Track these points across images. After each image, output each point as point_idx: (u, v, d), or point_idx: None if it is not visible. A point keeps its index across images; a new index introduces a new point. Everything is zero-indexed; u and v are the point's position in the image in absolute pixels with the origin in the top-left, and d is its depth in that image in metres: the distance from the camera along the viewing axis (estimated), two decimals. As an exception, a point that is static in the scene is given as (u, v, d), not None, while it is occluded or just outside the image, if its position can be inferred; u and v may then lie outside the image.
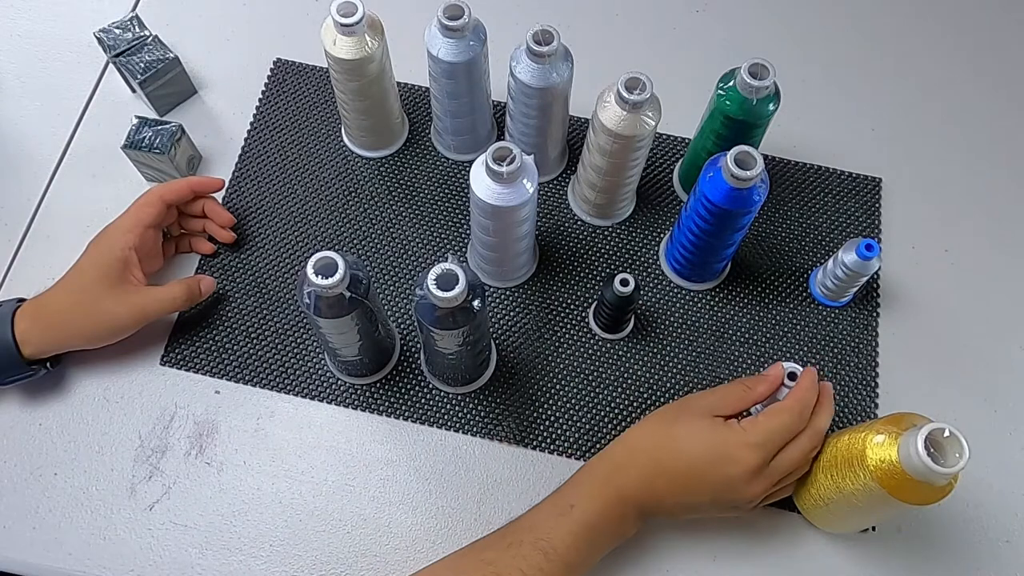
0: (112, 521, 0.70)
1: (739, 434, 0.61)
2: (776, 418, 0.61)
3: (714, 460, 0.61)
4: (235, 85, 0.89)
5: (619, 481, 0.62)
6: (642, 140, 0.71)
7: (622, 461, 0.64)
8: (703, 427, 0.62)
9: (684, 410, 0.64)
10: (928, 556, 0.70)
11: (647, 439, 0.64)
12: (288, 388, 0.75)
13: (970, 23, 0.95)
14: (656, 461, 0.62)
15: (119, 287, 0.71)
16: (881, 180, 0.85)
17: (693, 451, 0.61)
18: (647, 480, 0.62)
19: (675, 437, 0.62)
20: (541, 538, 0.60)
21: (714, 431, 0.61)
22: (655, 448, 0.63)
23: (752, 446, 0.60)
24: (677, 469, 0.62)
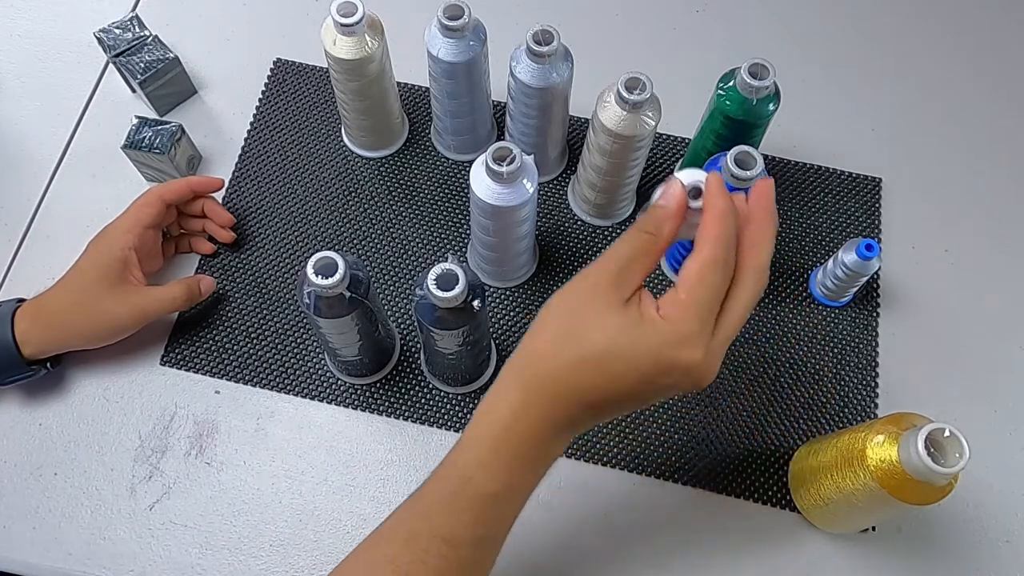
0: (112, 521, 0.70)
1: (668, 331, 0.46)
2: (705, 288, 0.46)
3: (649, 376, 0.47)
4: (235, 85, 0.89)
5: (526, 433, 0.49)
6: (642, 140, 0.71)
7: (523, 405, 0.49)
8: (623, 333, 0.46)
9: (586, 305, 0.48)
10: (928, 556, 0.70)
11: (551, 364, 0.48)
12: (288, 388, 0.75)
13: (970, 23, 0.95)
14: (572, 393, 0.48)
15: (119, 287, 0.71)
16: (881, 180, 0.85)
17: (621, 372, 0.47)
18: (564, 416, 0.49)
19: (591, 356, 0.47)
20: (438, 525, 0.50)
21: (637, 337, 0.46)
22: (567, 375, 0.48)
23: (689, 342, 0.46)
24: (604, 396, 0.48)
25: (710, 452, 0.73)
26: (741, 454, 0.73)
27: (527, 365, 0.49)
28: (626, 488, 0.72)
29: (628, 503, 0.72)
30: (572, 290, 0.50)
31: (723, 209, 0.47)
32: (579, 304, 0.49)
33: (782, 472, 0.73)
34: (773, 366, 0.77)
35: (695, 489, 0.72)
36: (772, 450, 0.74)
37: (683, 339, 0.46)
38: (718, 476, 0.73)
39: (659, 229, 0.48)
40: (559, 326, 0.49)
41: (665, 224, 0.48)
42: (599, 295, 0.48)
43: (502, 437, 0.49)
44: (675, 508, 0.72)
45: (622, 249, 0.49)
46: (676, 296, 0.47)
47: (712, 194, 0.48)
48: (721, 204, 0.47)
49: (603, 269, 0.49)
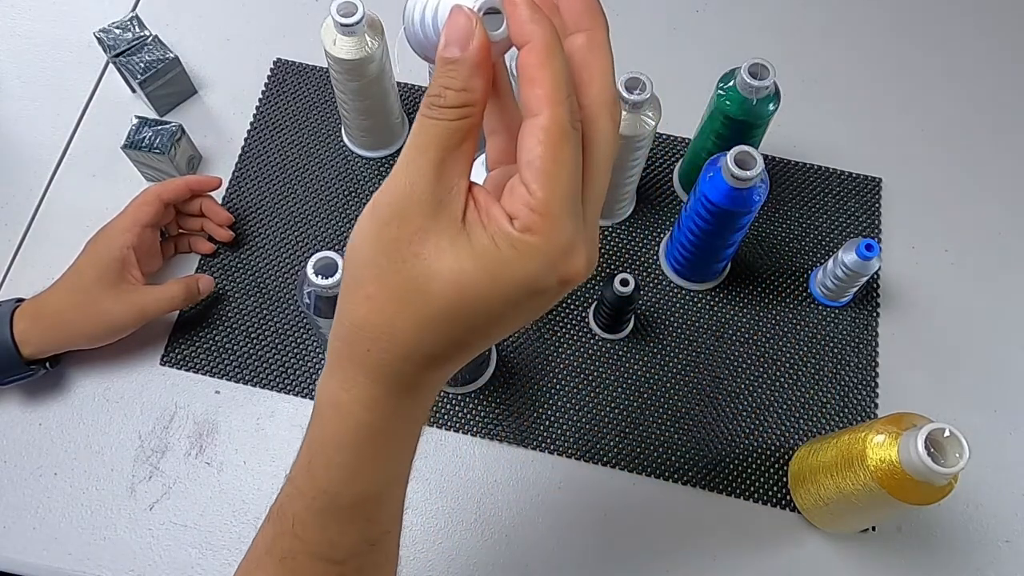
0: (112, 521, 0.70)
1: (533, 255, 0.33)
2: (558, 171, 0.33)
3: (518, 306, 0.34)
4: (235, 85, 0.89)
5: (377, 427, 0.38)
6: (642, 140, 0.71)
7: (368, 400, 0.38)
8: (472, 271, 0.33)
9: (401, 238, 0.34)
10: (928, 556, 0.70)
11: (382, 341, 0.36)
12: (288, 388, 0.75)
13: (970, 22, 0.95)
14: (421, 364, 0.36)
15: (117, 287, 0.71)
16: (881, 180, 0.85)
17: (476, 319, 0.34)
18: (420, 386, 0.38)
19: (431, 317, 0.34)
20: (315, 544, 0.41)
21: (495, 272, 0.33)
22: (407, 348, 0.35)
23: (563, 252, 0.33)
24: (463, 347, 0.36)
25: (710, 452, 0.73)
26: (741, 454, 0.73)
27: (359, 344, 0.37)
28: (626, 488, 0.72)
29: (628, 503, 0.72)
30: (379, 219, 0.34)
31: (544, 39, 0.32)
32: (397, 240, 0.34)
33: (782, 472, 0.73)
34: (773, 366, 0.77)
35: (695, 489, 0.72)
36: (772, 450, 0.74)
37: (561, 251, 0.33)
38: (718, 476, 0.73)
39: (469, 95, 0.33)
40: (382, 281, 0.35)
41: (473, 82, 0.33)
42: (421, 221, 0.33)
43: (360, 438, 0.39)
44: (675, 508, 0.72)
45: (425, 142, 0.33)
46: (530, 197, 0.32)
47: (520, 14, 0.32)
48: (541, 32, 0.32)
49: (409, 179, 0.33)
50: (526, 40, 0.32)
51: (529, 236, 0.33)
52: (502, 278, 0.33)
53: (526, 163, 0.33)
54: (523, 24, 0.32)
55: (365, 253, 0.35)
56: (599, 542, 0.70)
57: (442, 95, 0.33)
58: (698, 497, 0.72)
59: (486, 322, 0.35)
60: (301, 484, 0.41)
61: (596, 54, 0.34)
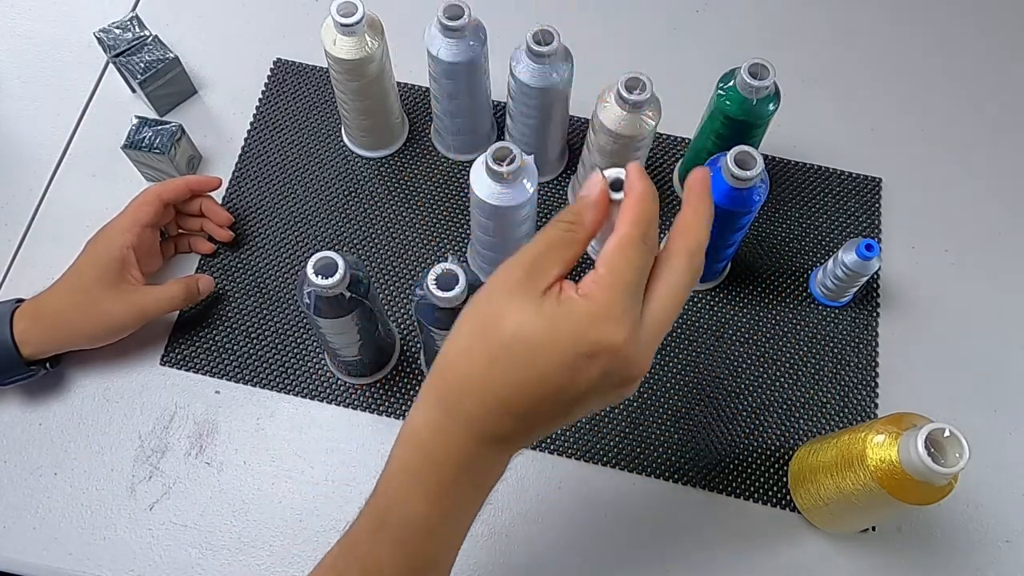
0: (112, 521, 0.70)
1: (583, 310, 0.41)
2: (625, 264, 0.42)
3: (571, 364, 0.41)
4: (235, 85, 0.89)
5: (448, 455, 0.44)
6: (642, 140, 0.71)
7: (441, 423, 0.44)
8: (538, 322, 0.41)
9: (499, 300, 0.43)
10: (928, 556, 0.70)
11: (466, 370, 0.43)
12: (288, 388, 0.75)
13: (970, 23, 0.95)
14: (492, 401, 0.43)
15: (117, 287, 0.71)
16: (881, 180, 0.85)
17: (540, 366, 0.41)
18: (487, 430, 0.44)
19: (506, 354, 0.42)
20: (368, 567, 0.46)
21: (555, 322, 0.41)
22: (484, 382, 0.42)
23: (611, 320, 0.41)
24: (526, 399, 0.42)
25: (710, 452, 0.73)
26: (741, 454, 0.73)
27: (439, 375, 0.44)
28: (626, 488, 0.72)
29: (628, 503, 0.72)
30: (484, 288, 0.44)
31: (642, 191, 0.44)
32: (489, 299, 0.43)
33: (782, 472, 0.73)
34: (773, 366, 0.77)
35: (695, 489, 0.72)
36: (772, 450, 0.74)
37: (606, 315, 0.41)
38: (718, 476, 0.73)
39: (579, 218, 0.44)
40: (470, 327, 0.43)
41: (586, 212, 0.44)
42: (511, 286, 0.42)
43: (423, 462, 0.44)
44: (675, 508, 0.72)
45: (538, 243, 0.44)
46: (595, 273, 0.42)
47: (632, 178, 0.44)
48: (640, 187, 0.44)
49: (516, 261, 0.43)
50: (630, 191, 0.44)
51: (583, 299, 0.42)
52: (555, 327, 0.41)
53: (601, 255, 0.43)
54: (633, 181, 0.45)
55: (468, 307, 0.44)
56: (599, 542, 0.70)
57: (566, 215, 0.45)
58: (698, 497, 0.72)
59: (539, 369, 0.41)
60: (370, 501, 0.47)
61: (693, 221, 0.45)
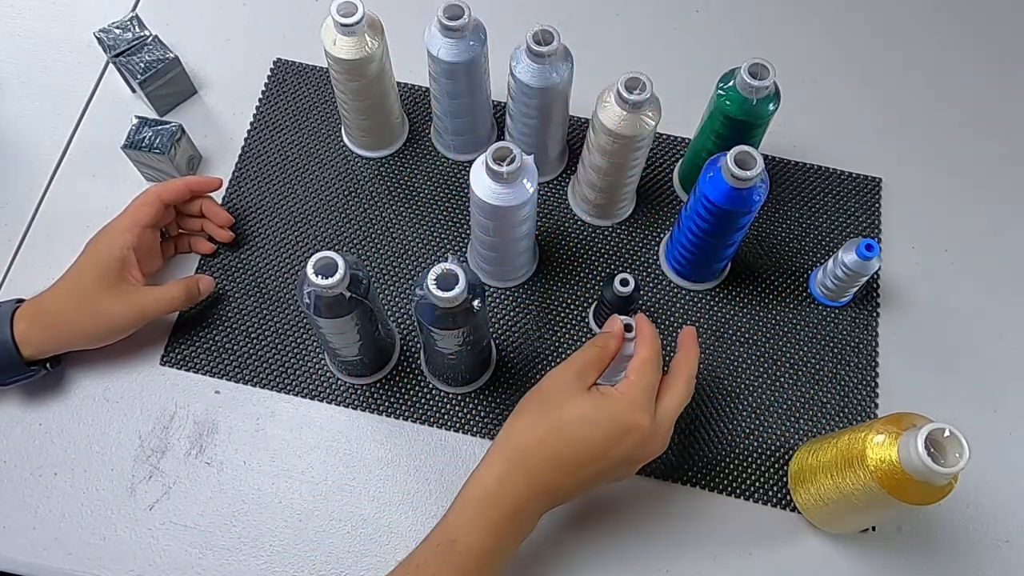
0: (112, 521, 0.70)
1: (623, 400, 0.59)
2: (646, 374, 0.61)
3: (612, 436, 0.59)
4: (235, 85, 0.89)
5: (508, 497, 0.59)
6: (642, 140, 0.71)
7: (506, 474, 0.59)
8: (588, 406, 0.59)
9: (557, 392, 0.61)
10: (928, 556, 0.70)
11: (530, 437, 0.60)
12: (288, 388, 0.75)
13: (970, 23, 0.95)
14: (549, 459, 0.59)
15: (117, 287, 0.71)
16: (881, 180, 0.85)
17: (589, 436, 0.59)
18: (541, 482, 0.59)
19: (564, 426, 0.59)
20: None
21: (600, 407, 0.59)
22: (544, 446, 0.59)
23: (639, 409, 0.59)
24: (576, 459, 0.59)
25: (710, 452, 0.73)
26: (741, 454, 0.73)
27: (509, 441, 0.61)
28: (626, 488, 0.72)
29: (628, 503, 0.72)
30: (540, 388, 0.63)
31: (651, 333, 0.63)
32: (548, 395, 0.62)
33: (782, 472, 0.73)
34: (773, 366, 0.77)
35: (695, 489, 0.72)
36: (772, 450, 0.74)
37: (634, 405, 0.59)
38: (718, 476, 0.73)
39: (606, 345, 0.63)
40: (535, 409, 0.61)
41: (610, 343, 0.63)
42: (565, 387, 0.61)
43: (488, 502, 0.59)
44: (675, 508, 0.72)
45: (583, 357, 0.63)
46: (627, 380, 0.61)
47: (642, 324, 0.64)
48: (649, 330, 0.63)
49: (568, 370, 0.62)
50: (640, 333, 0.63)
51: (619, 393, 0.60)
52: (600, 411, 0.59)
53: (629, 368, 0.62)
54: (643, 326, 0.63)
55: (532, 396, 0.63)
56: (599, 542, 0.70)
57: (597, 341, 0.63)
58: (698, 497, 0.72)
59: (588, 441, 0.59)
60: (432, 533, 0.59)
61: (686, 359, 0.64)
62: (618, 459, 0.59)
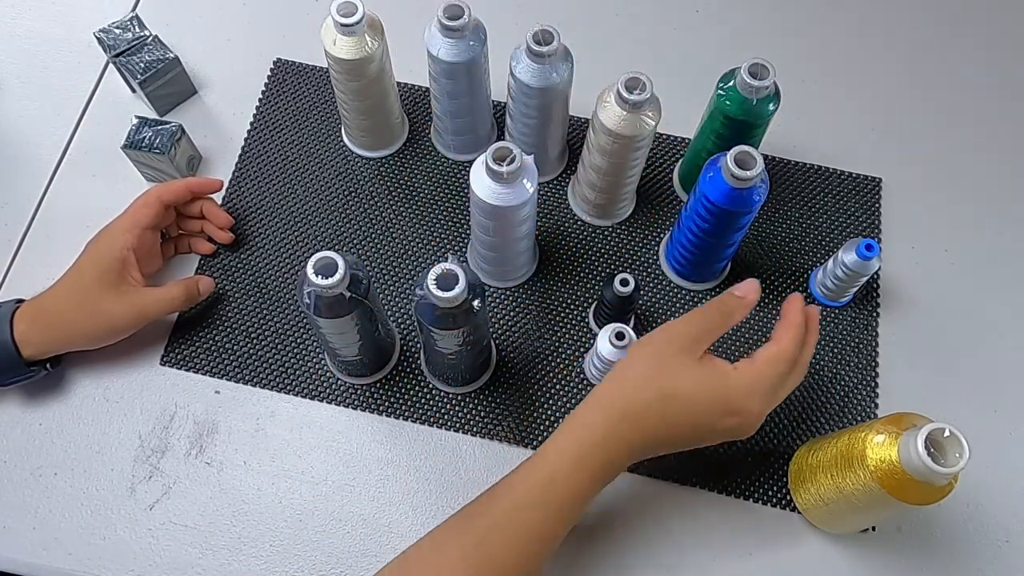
0: (112, 521, 0.70)
1: (741, 384, 0.59)
2: (778, 366, 0.60)
3: (720, 413, 0.59)
4: (235, 85, 0.89)
5: (611, 447, 0.59)
6: (642, 140, 0.71)
7: (615, 425, 0.59)
8: (702, 376, 0.59)
9: (672, 356, 0.60)
10: (928, 556, 0.70)
11: (641, 397, 0.59)
12: (288, 388, 0.75)
13: (970, 23, 0.95)
14: (655, 423, 0.59)
15: (118, 288, 0.71)
16: (881, 180, 0.85)
17: (697, 406, 0.59)
18: (642, 440, 0.60)
19: (675, 396, 0.59)
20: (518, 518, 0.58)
21: (714, 380, 0.59)
22: (652, 410, 0.59)
23: (757, 395, 0.59)
24: (679, 430, 0.60)
25: (710, 452, 0.73)
26: (741, 454, 0.73)
27: (620, 396, 0.60)
28: (626, 488, 0.72)
29: (628, 503, 0.72)
30: (657, 343, 0.62)
31: (800, 324, 0.61)
32: (664, 355, 0.61)
33: (782, 472, 0.73)
34: (773, 366, 0.77)
35: (695, 489, 0.72)
36: (772, 450, 0.74)
37: (753, 393, 0.59)
38: (718, 476, 0.73)
39: (733, 313, 0.61)
40: (647, 369, 0.60)
41: (737, 312, 0.61)
42: (681, 352, 0.60)
43: (588, 451, 0.59)
44: (675, 508, 0.72)
45: (703, 319, 0.62)
46: (753, 364, 0.60)
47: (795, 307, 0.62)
48: (799, 319, 0.62)
49: (684, 333, 0.61)
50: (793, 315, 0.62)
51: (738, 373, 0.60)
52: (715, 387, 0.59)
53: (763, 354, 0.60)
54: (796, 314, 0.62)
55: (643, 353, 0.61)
56: (599, 542, 0.70)
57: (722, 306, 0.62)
58: (698, 497, 0.72)
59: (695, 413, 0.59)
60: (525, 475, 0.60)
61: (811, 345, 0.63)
62: (714, 434, 0.60)
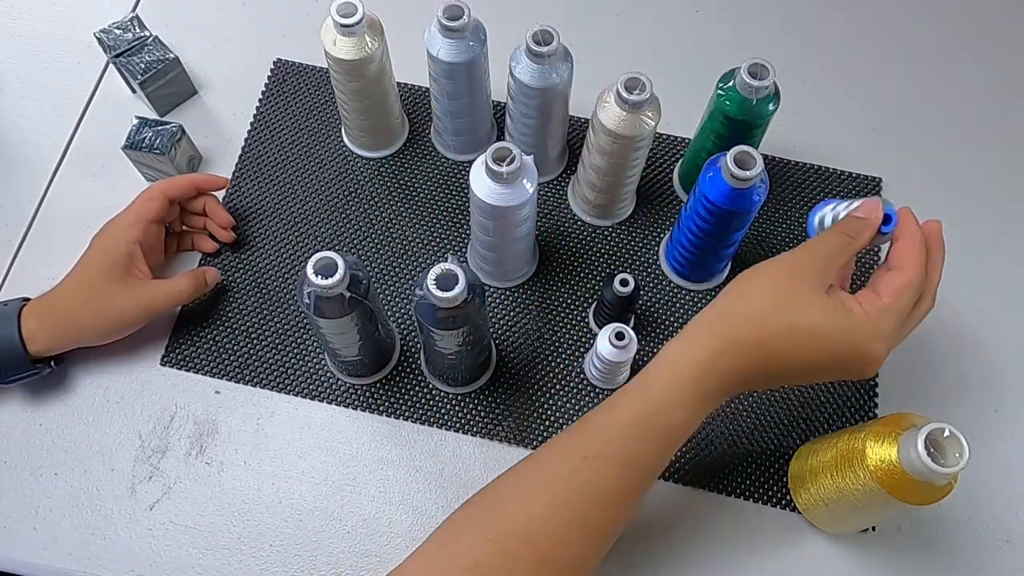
0: (112, 521, 0.70)
1: (868, 325, 0.54)
2: (903, 299, 0.55)
3: (841, 357, 0.55)
4: (235, 85, 0.89)
5: (718, 379, 0.55)
6: (642, 140, 0.71)
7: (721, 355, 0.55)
8: (829, 315, 0.54)
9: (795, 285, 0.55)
10: (928, 556, 0.70)
11: (755, 327, 0.55)
12: (288, 388, 0.75)
13: (971, 22, 0.95)
14: (770, 356, 0.55)
15: (125, 281, 0.71)
16: (881, 180, 0.85)
17: (819, 347, 0.54)
18: (754, 374, 0.55)
19: (796, 332, 0.54)
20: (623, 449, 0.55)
21: (840, 323, 0.54)
22: (768, 344, 0.54)
23: (883, 338, 0.54)
24: (796, 365, 0.55)
25: (710, 452, 0.73)
26: (741, 454, 0.73)
27: (731, 324, 0.55)
28: (626, 488, 0.72)
29: (628, 503, 0.72)
30: (778, 269, 0.57)
31: (920, 239, 0.57)
32: (787, 282, 0.56)
33: (782, 472, 0.73)
34: (773, 366, 0.77)
35: (695, 489, 0.72)
36: (772, 450, 0.74)
37: (880, 335, 0.54)
38: (718, 476, 0.73)
39: (858, 235, 0.57)
40: (766, 297, 0.55)
41: (864, 232, 0.57)
42: (807, 279, 0.55)
43: (695, 379, 0.55)
44: (675, 508, 0.72)
45: (827, 244, 0.57)
46: (878, 299, 0.55)
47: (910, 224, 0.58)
48: (918, 234, 0.57)
49: (810, 256, 0.56)
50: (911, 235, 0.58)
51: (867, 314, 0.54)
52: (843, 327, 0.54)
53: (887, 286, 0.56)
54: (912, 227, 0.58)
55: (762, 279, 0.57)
56: (599, 542, 0.70)
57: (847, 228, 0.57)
58: (698, 497, 0.72)
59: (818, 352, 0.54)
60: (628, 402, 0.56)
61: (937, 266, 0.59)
62: (834, 373, 0.56)
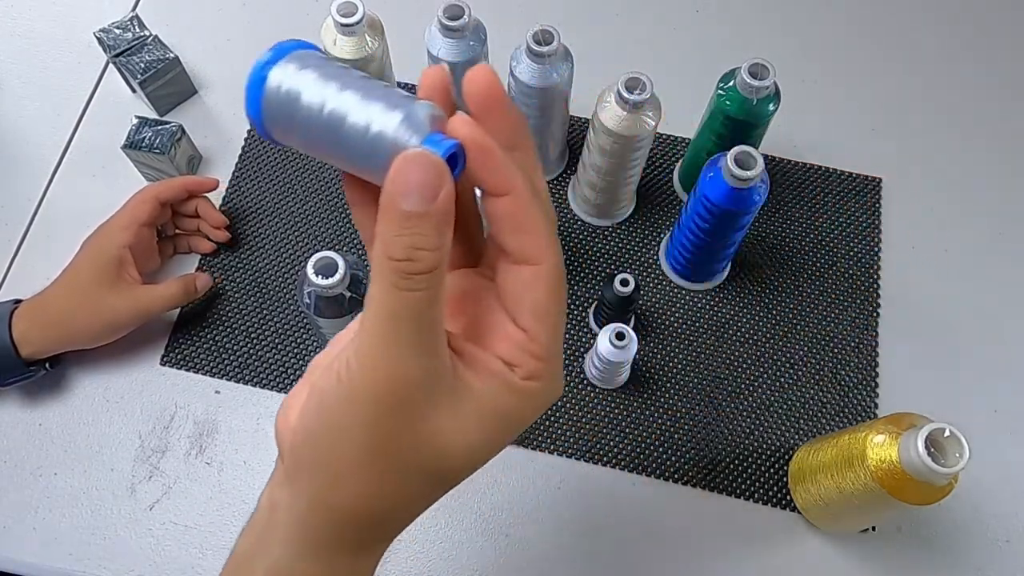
0: (112, 521, 0.70)
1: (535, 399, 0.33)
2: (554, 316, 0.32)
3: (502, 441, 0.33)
4: (235, 85, 0.89)
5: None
6: (642, 140, 0.71)
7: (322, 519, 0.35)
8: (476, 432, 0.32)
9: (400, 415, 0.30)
10: (928, 556, 0.70)
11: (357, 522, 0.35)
12: (288, 388, 0.75)
13: (971, 22, 0.95)
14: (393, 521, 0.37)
15: (115, 285, 0.71)
16: (881, 180, 0.85)
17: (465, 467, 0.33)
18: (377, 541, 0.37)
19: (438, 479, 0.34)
20: None
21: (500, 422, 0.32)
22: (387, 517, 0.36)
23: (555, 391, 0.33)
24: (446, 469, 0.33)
25: (710, 452, 0.73)
26: (741, 454, 0.73)
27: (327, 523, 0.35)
28: (626, 488, 0.72)
29: (628, 503, 0.72)
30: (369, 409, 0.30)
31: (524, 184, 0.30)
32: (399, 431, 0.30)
33: (782, 472, 0.73)
34: (773, 366, 0.77)
35: (695, 489, 0.72)
36: (772, 450, 0.74)
37: (555, 392, 0.33)
38: (718, 476, 0.73)
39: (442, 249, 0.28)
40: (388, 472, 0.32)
41: (446, 236, 0.28)
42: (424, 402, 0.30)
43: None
44: (675, 508, 0.72)
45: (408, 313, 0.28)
46: (532, 343, 0.31)
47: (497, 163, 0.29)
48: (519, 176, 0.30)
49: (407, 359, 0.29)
50: (508, 189, 0.29)
51: (533, 383, 0.32)
52: (508, 429, 0.32)
53: (529, 310, 0.31)
54: (501, 171, 0.29)
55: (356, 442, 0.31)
56: (599, 542, 0.70)
57: (415, 258, 0.27)
58: (698, 497, 0.72)
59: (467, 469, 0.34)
60: None
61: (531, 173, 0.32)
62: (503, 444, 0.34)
